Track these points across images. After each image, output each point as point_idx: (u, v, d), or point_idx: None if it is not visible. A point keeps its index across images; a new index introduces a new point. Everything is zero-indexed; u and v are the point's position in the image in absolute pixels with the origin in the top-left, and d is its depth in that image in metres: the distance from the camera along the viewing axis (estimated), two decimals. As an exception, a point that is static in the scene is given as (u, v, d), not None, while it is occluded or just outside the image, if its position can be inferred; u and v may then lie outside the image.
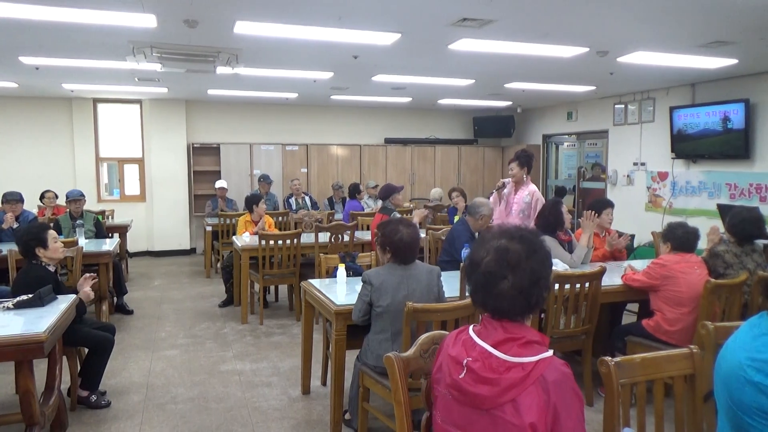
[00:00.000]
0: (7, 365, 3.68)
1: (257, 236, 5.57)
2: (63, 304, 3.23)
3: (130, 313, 5.95)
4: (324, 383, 4.04)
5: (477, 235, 4.41)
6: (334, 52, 5.42)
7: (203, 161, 9.62)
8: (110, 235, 6.66)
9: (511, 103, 9.74)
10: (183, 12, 4.09)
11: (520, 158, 4.93)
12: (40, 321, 2.88)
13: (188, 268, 8.57)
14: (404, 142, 10.61)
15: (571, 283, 3.50)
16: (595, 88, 7.82)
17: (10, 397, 3.79)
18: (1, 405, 3.73)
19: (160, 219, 9.53)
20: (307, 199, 8.66)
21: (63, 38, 4.90)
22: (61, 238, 3.99)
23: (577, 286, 3.52)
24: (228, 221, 7.55)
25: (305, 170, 9.97)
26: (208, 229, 7.87)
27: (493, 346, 1.48)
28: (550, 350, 1.48)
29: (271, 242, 5.46)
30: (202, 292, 6.96)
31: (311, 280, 3.89)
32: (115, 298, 5.95)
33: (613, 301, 3.97)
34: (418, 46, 5.21)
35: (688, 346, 1.97)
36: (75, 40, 4.95)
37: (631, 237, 7.02)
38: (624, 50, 5.36)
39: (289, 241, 5.54)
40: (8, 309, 3.09)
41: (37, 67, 6.24)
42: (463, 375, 1.49)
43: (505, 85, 7.63)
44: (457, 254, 4.31)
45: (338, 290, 3.57)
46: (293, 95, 8.66)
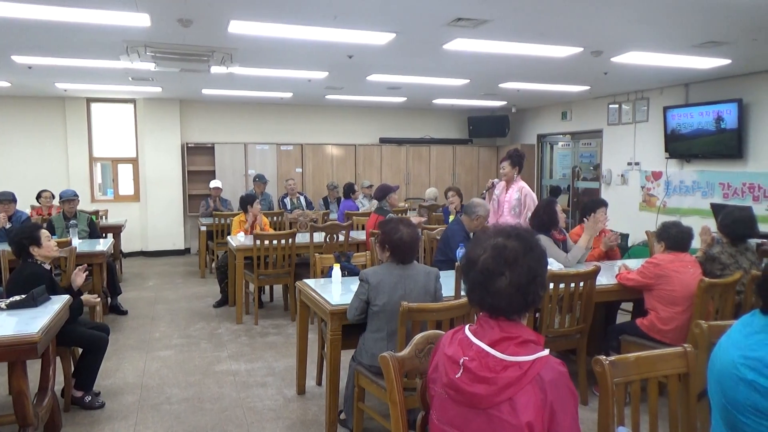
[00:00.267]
0: (0, 366, 3.66)
1: (252, 236, 5.55)
2: (56, 304, 3.21)
3: (125, 313, 5.92)
4: (319, 383, 4.04)
5: (472, 235, 4.42)
6: (329, 51, 5.42)
7: (197, 161, 9.58)
8: (104, 235, 6.64)
9: (505, 102, 9.75)
10: (177, 11, 4.07)
11: (512, 157, 4.94)
12: (34, 321, 2.86)
13: (182, 269, 8.54)
14: (399, 142, 10.60)
15: (566, 283, 3.50)
16: (589, 88, 7.85)
17: (3, 398, 3.76)
18: (-6, 406, 3.71)
19: (154, 219, 9.49)
20: (302, 198, 8.65)
21: (56, 37, 4.87)
22: (54, 239, 3.97)
23: (572, 285, 3.53)
24: (222, 221, 7.53)
25: (300, 170, 9.95)
26: (203, 229, 7.85)
27: (490, 345, 1.48)
28: (546, 349, 1.49)
29: (266, 242, 5.45)
30: (196, 293, 6.94)
31: (306, 280, 3.89)
32: (109, 299, 5.91)
33: (608, 300, 3.98)
34: (413, 46, 5.21)
35: (682, 345, 1.98)
36: (68, 39, 4.92)
37: (624, 236, 7.07)
38: (618, 50, 5.38)
39: (284, 241, 5.53)
40: (1, 309, 3.06)
41: (30, 67, 6.20)
42: (460, 374, 1.49)
43: (500, 85, 7.64)
44: (452, 254, 4.32)
45: (333, 290, 3.57)
46: (288, 95, 8.64)
